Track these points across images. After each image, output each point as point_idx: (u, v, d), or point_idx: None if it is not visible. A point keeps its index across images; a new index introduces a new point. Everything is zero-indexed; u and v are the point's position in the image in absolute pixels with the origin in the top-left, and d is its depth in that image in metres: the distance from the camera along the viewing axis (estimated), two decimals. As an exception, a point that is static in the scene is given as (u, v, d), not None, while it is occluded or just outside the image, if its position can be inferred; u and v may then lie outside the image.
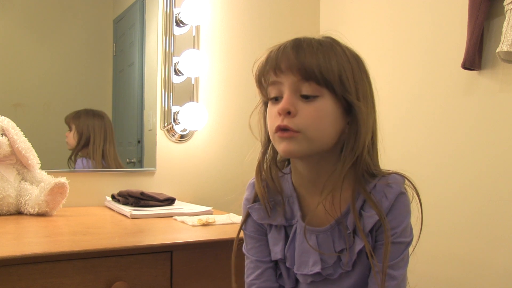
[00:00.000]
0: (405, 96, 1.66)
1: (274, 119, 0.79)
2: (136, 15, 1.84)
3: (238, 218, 1.36)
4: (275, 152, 0.88)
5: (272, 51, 0.80)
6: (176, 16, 1.80)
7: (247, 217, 0.91)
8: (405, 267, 0.81)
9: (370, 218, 0.79)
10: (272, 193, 0.88)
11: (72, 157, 1.68)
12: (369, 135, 0.81)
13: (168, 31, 1.79)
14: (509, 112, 1.34)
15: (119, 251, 0.99)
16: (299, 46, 0.77)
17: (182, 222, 1.32)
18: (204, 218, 1.30)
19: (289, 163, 0.90)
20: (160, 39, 1.80)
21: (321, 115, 0.77)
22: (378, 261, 0.79)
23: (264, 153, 0.88)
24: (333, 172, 0.80)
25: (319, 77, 0.75)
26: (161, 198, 1.51)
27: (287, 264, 0.86)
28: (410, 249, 0.82)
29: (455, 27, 1.48)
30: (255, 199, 0.90)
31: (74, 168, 1.68)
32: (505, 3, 1.28)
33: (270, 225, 0.88)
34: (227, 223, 1.31)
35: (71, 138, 1.68)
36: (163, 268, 1.04)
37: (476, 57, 1.37)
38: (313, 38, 0.80)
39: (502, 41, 1.26)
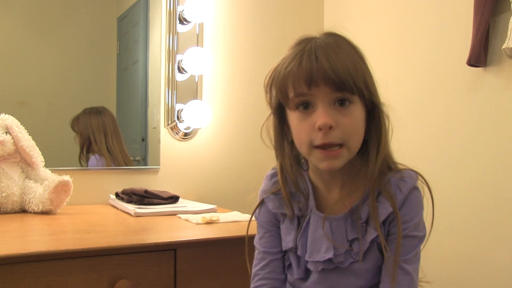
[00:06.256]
0: (409, 93, 1.65)
1: (308, 132, 0.78)
2: (140, 13, 1.83)
3: (242, 217, 1.36)
4: (293, 151, 0.88)
5: (301, 61, 0.76)
6: (179, 14, 1.80)
7: (259, 205, 0.92)
8: (418, 262, 0.82)
9: (384, 209, 0.80)
10: (289, 187, 0.88)
11: (82, 156, 1.69)
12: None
13: (172, 29, 1.79)
14: (515, 109, 1.33)
15: (123, 249, 0.99)
16: (327, 55, 0.75)
17: (186, 220, 1.31)
18: (208, 216, 1.30)
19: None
20: (164, 37, 1.80)
21: (357, 123, 0.78)
22: (391, 254, 0.79)
23: (283, 158, 0.87)
24: (356, 174, 0.82)
25: (353, 87, 0.75)
26: (165, 196, 1.51)
27: (299, 253, 0.86)
28: (421, 245, 0.83)
29: (461, 23, 1.47)
30: (273, 191, 0.90)
31: (87, 166, 1.69)
32: (511, -1, 1.27)
33: (284, 216, 0.89)
34: (231, 221, 1.30)
35: (78, 140, 1.70)
36: (167, 266, 1.04)
37: (481, 53, 1.35)
38: (327, 40, 0.78)
39: (508, 37, 1.25)
